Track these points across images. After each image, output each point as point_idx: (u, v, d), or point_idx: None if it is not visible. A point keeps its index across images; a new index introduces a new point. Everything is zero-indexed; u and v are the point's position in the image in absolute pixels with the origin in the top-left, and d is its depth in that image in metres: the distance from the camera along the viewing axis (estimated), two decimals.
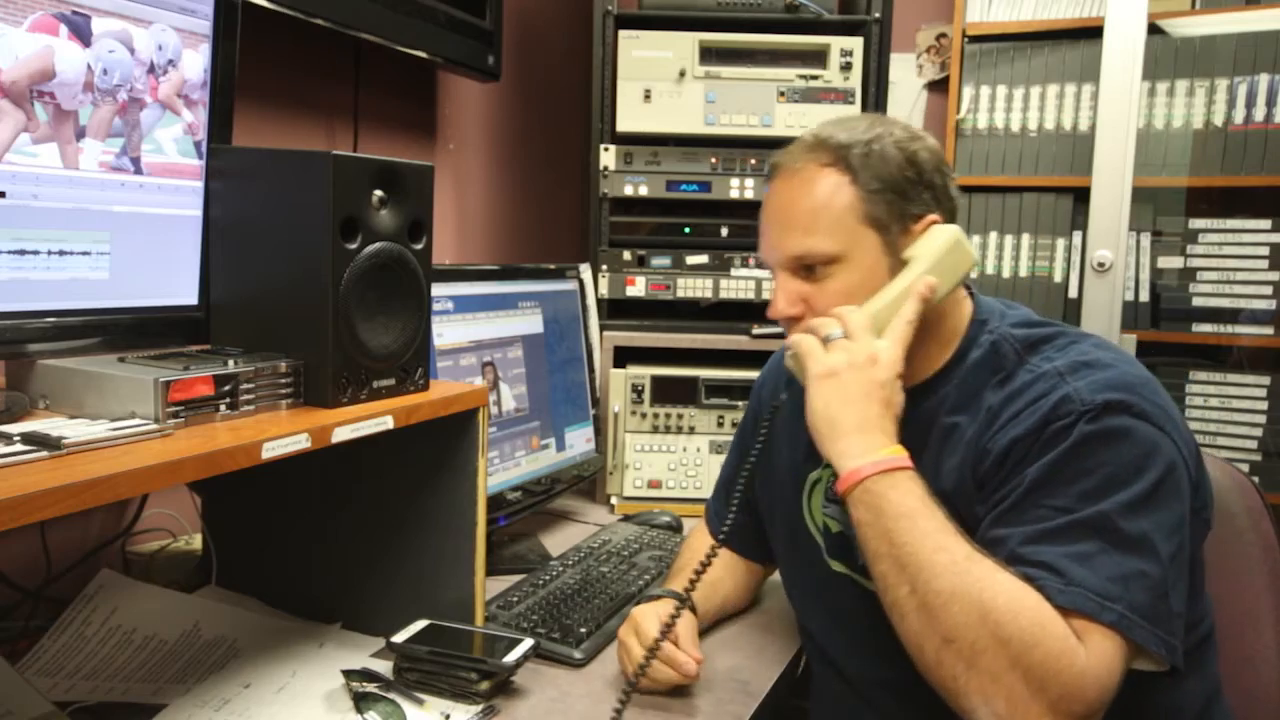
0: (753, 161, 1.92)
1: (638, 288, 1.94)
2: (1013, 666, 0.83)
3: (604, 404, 1.87)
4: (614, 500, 1.85)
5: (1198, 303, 2.38)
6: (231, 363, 0.95)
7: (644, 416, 1.86)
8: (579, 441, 1.81)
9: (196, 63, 1.04)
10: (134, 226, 0.99)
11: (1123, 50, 2.28)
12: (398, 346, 1.06)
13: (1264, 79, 2.28)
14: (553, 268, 1.82)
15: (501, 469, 1.55)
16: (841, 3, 2.06)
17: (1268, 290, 2.32)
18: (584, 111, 2.08)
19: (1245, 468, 1.90)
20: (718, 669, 1.18)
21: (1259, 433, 2.35)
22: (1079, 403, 0.93)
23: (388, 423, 1.02)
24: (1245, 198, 2.36)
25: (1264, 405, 2.34)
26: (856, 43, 1.90)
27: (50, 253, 0.92)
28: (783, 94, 1.90)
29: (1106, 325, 2.32)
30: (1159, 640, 0.86)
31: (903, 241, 1.04)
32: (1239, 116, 2.31)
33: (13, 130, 0.87)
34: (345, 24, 1.52)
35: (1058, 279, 2.46)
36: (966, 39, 2.49)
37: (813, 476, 1.17)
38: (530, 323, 1.70)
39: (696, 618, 1.19)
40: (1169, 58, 2.36)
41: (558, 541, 1.64)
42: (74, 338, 0.95)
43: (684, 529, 1.68)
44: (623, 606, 1.28)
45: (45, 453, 0.77)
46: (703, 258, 1.94)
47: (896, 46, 2.06)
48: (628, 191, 1.92)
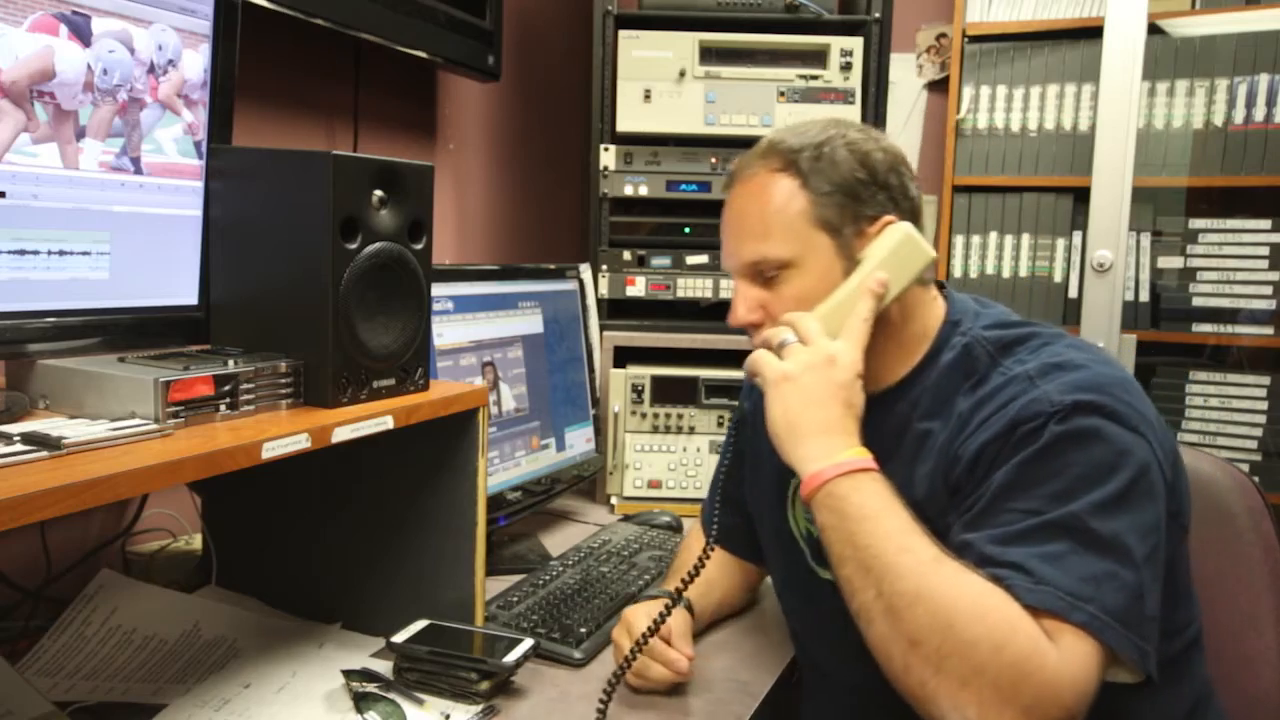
0: None
1: (638, 288, 1.94)
2: (981, 670, 0.80)
3: (604, 404, 1.87)
4: (614, 500, 1.85)
5: (1198, 303, 2.38)
6: (231, 363, 0.95)
7: (644, 416, 1.86)
8: (579, 441, 1.81)
9: (196, 63, 1.04)
10: (134, 226, 0.99)
11: (1123, 50, 2.28)
12: (398, 346, 1.06)
13: (1264, 79, 2.28)
14: (553, 268, 1.82)
15: (501, 469, 1.55)
16: (841, 3, 2.05)
17: (1268, 290, 2.32)
18: (584, 111, 2.08)
19: (1245, 468, 1.89)
20: (717, 669, 1.18)
21: (1259, 433, 2.35)
22: (1048, 404, 0.91)
23: (388, 423, 1.02)
24: (1245, 198, 2.36)
25: (1264, 405, 2.34)
26: (856, 43, 1.90)
27: (50, 253, 0.92)
28: (783, 94, 1.90)
29: (1106, 325, 2.32)
30: (1132, 645, 0.83)
31: (857, 243, 1.02)
32: (1239, 116, 2.31)
33: (13, 130, 0.87)
34: (345, 24, 1.52)
35: (1058, 279, 2.46)
36: (966, 39, 2.49)
37: (794, 482, 1.16)
38: (530, 323, 1.70)
39: (693, 617, 1.19)
40: (1169, 58, 2.36)
41: (558, 541, 1.65)
42: (74, 338, 0.95)
43: (684, 529, 1.68)
44: (623, 606, 1.27)
45: (45, 453, 0.77)
46: (703, 258, 1.94)
47: (896, 46, 2.05)
48: (628, 191, 1.92)
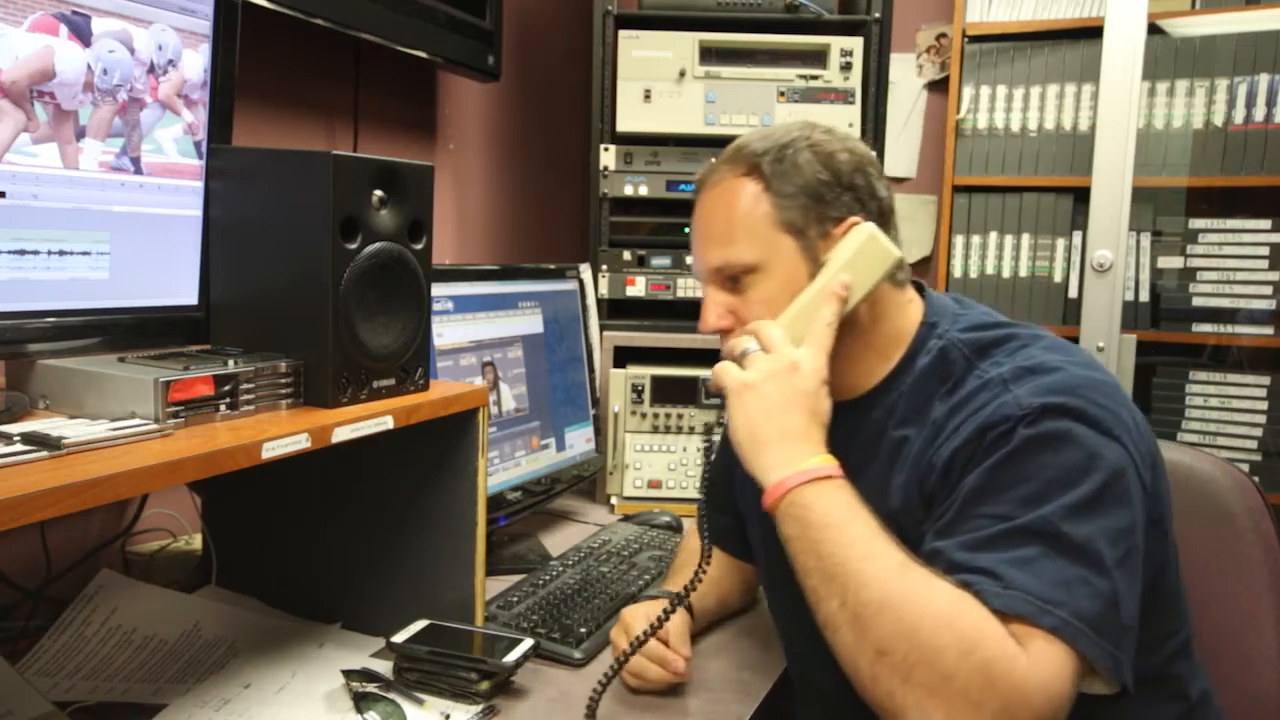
0: None
1: (638, 288, 1.94)
2: (950, 677, 0.77)
3: (604, 404, 1.87)
4: (614, 500, 1.85)
5: (1198, 303, 2.38)
6: (231, 363, 0.95)
7: (644, 416, 1.86)
8: (579, 441, 1.81)
9: (196, 63, 1.04)
10: (134, 226, 0.99)
11: (1123, 50, 2.28)
12: (398, 346, 1.06)
13: (1264, 79, 2.28)
14: (553, 268, 1.82)
15: (501, 469, 1.55)
16: (841, 3, 2.05)
17: (1268, 290, 2.32)
18: (584, 111, 2.08)
19: (1245, 468, 1.89)
20: (716, 670, 1.18)
21: (1259, 433, 2.34)
22: (1017, 407, 0.89)
23: (388, 423, 1.02)
24: (1245, 198, 2.35)
25: (1264, 405, 2.34)
26: (856, 43, 1.90)
27: (50, 253, 0.92)
28: (783, 94, 1.90)
29: (1106, 325, 2.32)
30: (1105, 653, 0.80)
31: (823, 246, 1.01)
32: (1239, 116, 2.31)
33: (13, 130, 0.87)
34: (345, 24, 1.52)
35: (1058, 279, 2.46)
36: (966, 39, 2.48)
37: None
38: (530, 323, 1.70)
39: (692, 618, 1.19)
40: (1169, 58, 2.36)
41: (558, 541, 1.65)
42: (74, 338, 0.95)
43: (684, 529, 1.68)
44: (622, 606, 1.27)
45: (45, 453, 0.77)
46: None
47: (896, 46, 2.06)
48: (628, 191, 1.92)
